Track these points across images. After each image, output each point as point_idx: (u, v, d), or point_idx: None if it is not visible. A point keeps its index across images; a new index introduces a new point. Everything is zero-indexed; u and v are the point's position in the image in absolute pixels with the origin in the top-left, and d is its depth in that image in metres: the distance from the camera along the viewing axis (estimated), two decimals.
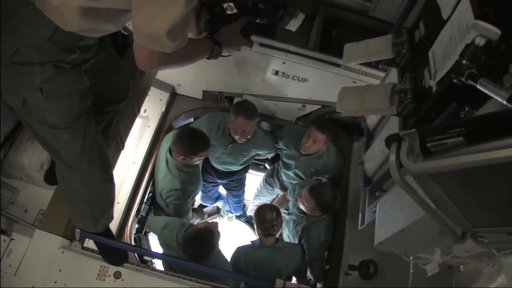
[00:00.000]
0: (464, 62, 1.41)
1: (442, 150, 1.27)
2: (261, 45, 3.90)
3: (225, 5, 2.18)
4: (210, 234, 3.53)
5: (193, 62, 2.10)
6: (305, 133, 4.15)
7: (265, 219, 3.77)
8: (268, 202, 5.07)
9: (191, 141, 3.80)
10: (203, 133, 3.93)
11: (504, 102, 1.16)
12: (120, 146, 3.00)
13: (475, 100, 1.61)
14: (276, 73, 4.17)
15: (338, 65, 3.89)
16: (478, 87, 1.32)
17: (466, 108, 1.65)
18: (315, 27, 4.31)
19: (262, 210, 3.91)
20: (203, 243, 3.48)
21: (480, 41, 1.39)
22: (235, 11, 2.17)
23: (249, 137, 4.14)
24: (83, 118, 2.19)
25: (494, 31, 1.36)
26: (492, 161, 1.07)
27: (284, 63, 4.03)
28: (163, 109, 4.46)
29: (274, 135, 4.62)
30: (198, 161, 3.98)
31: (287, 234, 4.31)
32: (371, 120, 3.20)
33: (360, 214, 2.99)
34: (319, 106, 4.53)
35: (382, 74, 3.54)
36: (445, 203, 1.43)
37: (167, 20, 1.56)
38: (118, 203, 3.69)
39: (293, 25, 2.34)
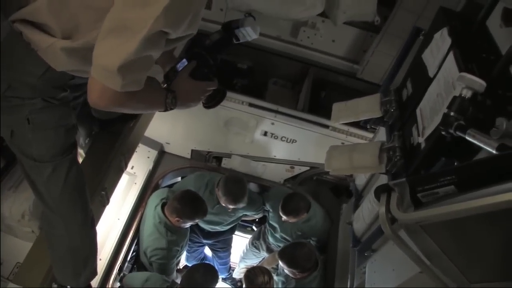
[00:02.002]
0: (452, 114, 1.43)
1: (433, 200, 1.25)
2: (250, 105, 3.97)
3: None
4: None
5: (147, 110, 2.10)
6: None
7: (256, 282, 3.66)
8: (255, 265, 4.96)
9: (192, 206, 3.77)
10: (204, 201, 3.89)
11: (494, 152, 1.16)
12: (105, 201, 2.93)
13: (464, 154, 1.61)
14: (265, 133, 4.20)
15: (327, 126, 3.95)
16: (467, 137, 1.33)
17: (456, 163, 1.65)
18: (304, 89, 4.41)
19: (252, 273, 3.80)
20: None
21: (467, 93, 1.41)
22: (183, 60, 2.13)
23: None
24: (67, 154, 2.17)
25: (479, 83, 1.38)
26: (484, 208, 1.05)
27: (273, 123, 4.07)
28: (151, 167, 4.44)
29: (262, 196, 4.57)
30: (189, 225, 3.92)
31: None
32: (360, 180, 3.20)
33: (349, 276, 2.92)
34: (308, 168, 4.54)
35: (371, 135, 3.58)
36: (439, 257, 1.39)
37: (121, 54, 1.54)
38: (100, 259, 3.57)
39: (251, 33, 2.25)
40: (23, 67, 1.86)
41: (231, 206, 4.00)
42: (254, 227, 5.50)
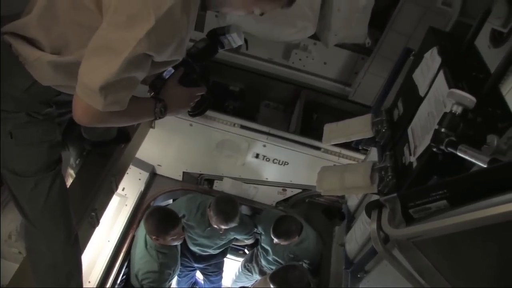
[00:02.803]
0: (442, 130, 1.43)
1: (425, 216, 1.24)
2: (242, 127, 3.96)
3: None
4: None
5: (135, 121, 2.09)
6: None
7: None
8: None
9: (159, 220, 3.71)
10: (171, 211, 3.85)
11: (485, 167, 1.16)
12: (95, 222, 2.89)
13: (456, 172, 1.61)
14: (257, 156, 4.19)
15: (319, 148, 3.94)
16: (458, 153, 1.32)
17: None
18: (296, 111, 4.43)
19: None
20: None
21: (457, 109, 1.41)
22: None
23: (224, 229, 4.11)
24: (51, 169, 2.15)
25: (469, 98, 1.38)
26: (477, 222, 1.04)
27: (264, 146, 4.06)
28: (142, 189, 4.41)
29: (254, 219, 4.55)
30: (172, 240, 3.85)
31: None
32: (352, 201, 3.18)
33: None
34: (300, 190, 4.52)
35: (362, 157, 3.58)
36: (433, 275, 1.37)
37: (103, 74, 1.54)
38: (89, 282, 3.53)
39: (236, 39, 2.23)
40: (10, 79, 1.85)
41: (222, 226, 3.96)
42: (246, 250, 5.45)
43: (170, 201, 4.71)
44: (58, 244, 2.34)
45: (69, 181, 2.93)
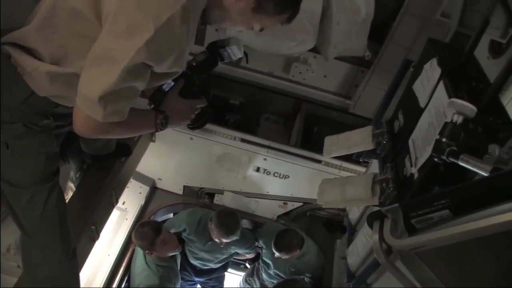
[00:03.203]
0: (443, 140, 1.42)
1: (428, 226, 1.23)
2: (243, 141, 3.96)
3: None
4: None
5: (135, 133, 2.08)
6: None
7: None
8: None
9: (141, 233, 3.68)
10: (150, 221, 3.85)
11: (488, 175, 1.15)
12: (94, 236, 2.88)
13: (457, 183, 1.60)
14: (258, 169, 4.18)
15: (320, 162, 3.94)
16: (460, 163, 1.31)
17: None
18: (296, 124, 4.42)
19: None
20: None
21: (458, 119, 1.41)
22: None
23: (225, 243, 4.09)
24: (48, 181, 2.14)
25: (470, 108, 1.38)
26: (479, 232, 1.02)
27: (265, 159, 4.05)
28: (142, 203, 4.40)
29: (255, 233, 4.52)
30: (166, 250, 3.80)
31: None
32: (353, 214, 3.16)
33: None
34: (301, 204, 4.51)
35: (363, 170, 3.57)
36: (435, 285, 1.35)
37: (102, 84, 1.54)
38: None
39: (236, 52, 2.24)
40: (8, 90, 1.84)
41: (224, 240, 3.93)
42: (247, 264, 5.42)
43: (171, 215, 4.68)
44: (54, 257, 2.31)
45: (69, 195, 2.92)
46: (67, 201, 2.73)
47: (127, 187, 3.74)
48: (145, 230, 3.65)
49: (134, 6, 1.52)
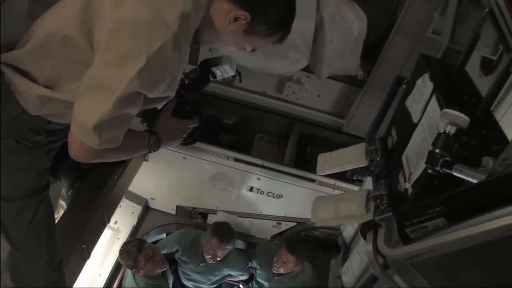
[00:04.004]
0: (437, 151, 1.41)
1: (422, 235, 1.22)
2: (236, 160, 3.95)
3: None
4: None
5: (130, 155, 2.08)
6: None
7: None
8: None
9: (123, 252, 3.65)
10: (134, 239, 3.84)
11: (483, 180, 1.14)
12: (85, 255, 2.83)
13: None
14: (251, 189, 4.17)
15: (313, 181, 3.94)
16: (454, 173, 1.30)
17: None
18: (290, 143, 4.43)
19: None
20: None
21: (451, 129, 1.40)
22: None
23: (218, 259, 4.07)
24: (36, 195, 2.12)
25: (463, 118, 1.38)
26: (476, 238, 1.01)
27: (259, 179, 4.04)
28: (135, 222, 4.37)
29: (248, 254, 4.49)
30: (152, 267, 3.75)
31: None
32: (348, 232, 3.14)
33: None
34: (295, 223, 4.48)
35: (357, 188, 3.55)
36: None
37: (97, 114, 1.54)
38: None
39: (228, 70, 2.24)
40: (0, 106, 1.83)
41: (218, 251, 3.90)
42: (241, 286, 5.36)
43: (164, 235, 4.65)
44: (40, 269, 2.28)
45: (60, 213, 2.89)
46: (58, 219, 2.71)
47: (120, 206, 3.71)
48: (127, 248, 3.63)
49: (126, 35, 1.52)
